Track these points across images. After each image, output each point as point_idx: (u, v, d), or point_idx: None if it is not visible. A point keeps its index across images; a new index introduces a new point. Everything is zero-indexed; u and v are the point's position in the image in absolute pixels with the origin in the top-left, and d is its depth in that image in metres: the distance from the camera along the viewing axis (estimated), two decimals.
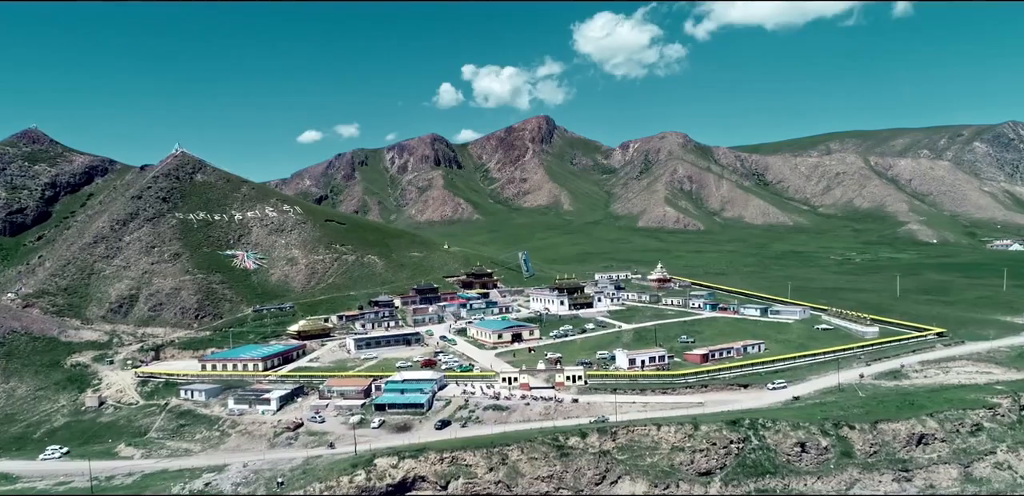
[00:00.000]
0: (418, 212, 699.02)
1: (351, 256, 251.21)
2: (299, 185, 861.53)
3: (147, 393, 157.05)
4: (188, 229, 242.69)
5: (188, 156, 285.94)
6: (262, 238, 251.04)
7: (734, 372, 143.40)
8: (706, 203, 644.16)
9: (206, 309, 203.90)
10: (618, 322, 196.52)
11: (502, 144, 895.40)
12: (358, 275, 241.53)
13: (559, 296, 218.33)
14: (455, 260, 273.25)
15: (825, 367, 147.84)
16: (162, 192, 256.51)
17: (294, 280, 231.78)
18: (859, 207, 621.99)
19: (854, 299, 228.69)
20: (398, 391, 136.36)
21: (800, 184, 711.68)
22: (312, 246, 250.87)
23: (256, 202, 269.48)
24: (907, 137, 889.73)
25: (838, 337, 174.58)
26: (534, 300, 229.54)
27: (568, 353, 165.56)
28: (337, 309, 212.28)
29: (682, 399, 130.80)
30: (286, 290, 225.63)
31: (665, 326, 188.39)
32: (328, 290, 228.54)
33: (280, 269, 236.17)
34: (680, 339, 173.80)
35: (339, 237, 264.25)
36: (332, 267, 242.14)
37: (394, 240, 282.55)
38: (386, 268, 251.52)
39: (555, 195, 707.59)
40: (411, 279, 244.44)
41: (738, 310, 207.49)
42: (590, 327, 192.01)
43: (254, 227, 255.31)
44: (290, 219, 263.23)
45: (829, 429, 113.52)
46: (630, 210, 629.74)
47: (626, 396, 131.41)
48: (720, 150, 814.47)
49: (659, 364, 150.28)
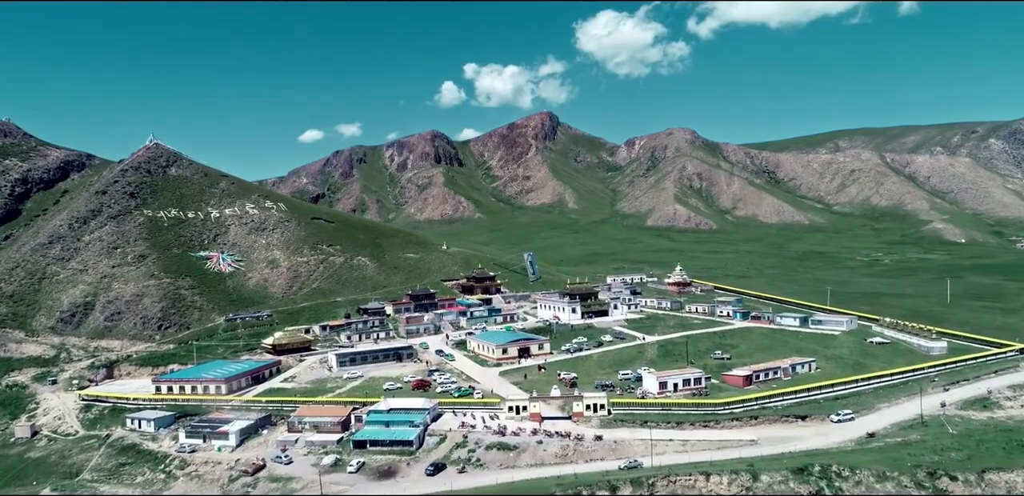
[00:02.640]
0: (417, 211, 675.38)
1: (339, 258, 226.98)
2: (296, 183, 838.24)
3: (90, 421, 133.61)
4: (157, 228, 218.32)
5: (162, 148, 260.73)
6: (240, 238, 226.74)
7: (787, 399, 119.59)
8: (717, 201, 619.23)
9: (171, 318, 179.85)
10: (639, 333, 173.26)
11: (504, 141, 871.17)
12: (346, 279, 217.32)
13: (570, 303, 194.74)
14: (454, 262, 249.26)
15: (894, 392, 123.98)
16: (130, 187, 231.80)
17: (274, 285, 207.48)
18: (877, 205, 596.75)
19: (899, 306, 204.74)
20: (382, 424, 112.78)
21: (813, 182, 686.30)
22: (296, 247, 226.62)
23: (236, 198, 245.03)
24: (919, 134, 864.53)
25: (897, 353, 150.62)
26: (542, 307, 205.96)
27: (584, 372, 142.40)
28: (321, 318, 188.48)
29: (729, 435, 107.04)
30: (264, 296, 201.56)
31: (693, 338, 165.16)
32: (312, 296, 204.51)
33: (259, 272, 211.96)
34: (713, 355, 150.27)
35: (327, 237, 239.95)
36: (317, 270, 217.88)
37: (388, 240, 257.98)
38: (378, 271, 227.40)
39: (559, 193, 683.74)
40: (405, 283, 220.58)
41: (773, 319, 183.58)
42: (607, 339, 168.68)
43: (232, 225, 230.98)
44: (272, 217, 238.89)
45: (923, 479, 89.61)
46: (638, 208, 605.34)
47: (660, 431, 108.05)
48: (729, 147, 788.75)
49: (695, 388, 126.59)
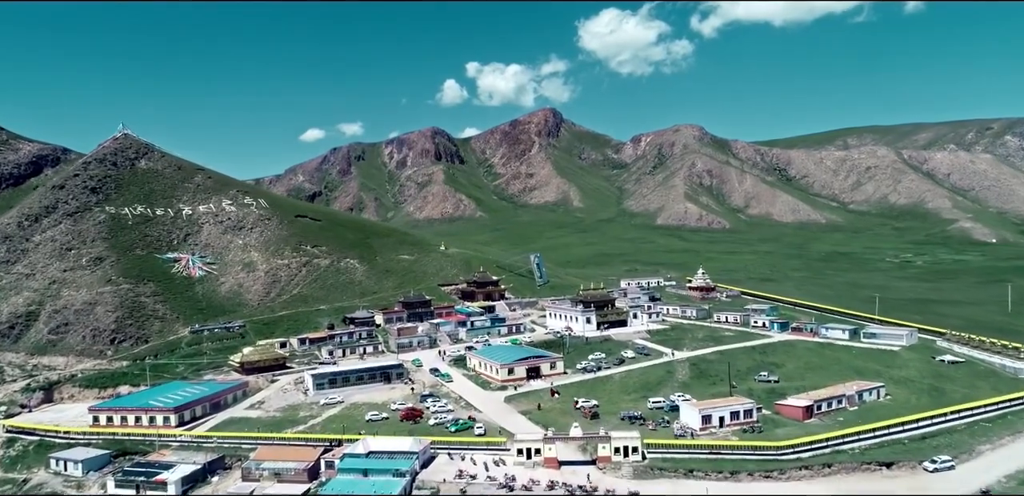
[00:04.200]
0: (416, 209, 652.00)
1: (324, 260, 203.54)
2: (292, 181, 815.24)
3: (10, 459, 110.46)
4: (119, 226, 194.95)
5: (132, 139, 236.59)
6: (214, 238, 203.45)
7: (864, 438, 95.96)
8: (728, 199, 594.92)
9: (127, 330, 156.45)
10: (664, 348, 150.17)
11: (507, 138, 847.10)
12: (332, 284, 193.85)
13: (584, 312, 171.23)
14: (453, 264, 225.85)
15: (994, 429, 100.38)
16: (92, 181, 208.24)
17: (250, 290, 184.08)
18: (895, 203, 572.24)
19: (955, 315, 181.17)
20: (359, 472, 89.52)
21: (827, 179, 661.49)
22: (276, 247, 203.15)
23: (212, 194, 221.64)
24: (930, 131, 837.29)
25: (978, 375, 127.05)
26: (552, 316, 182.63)
27: (606, 397, 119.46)
28: (300, 329, 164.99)
29: (800, 490, 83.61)
30: (238, 304, 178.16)
31: (729, 355, 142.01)
32: (292, 303, 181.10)
33: (233, 276, 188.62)
34: (758, 377, 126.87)
35: (311, 236, 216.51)
36: (299, 274, 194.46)
37: (380, 240, 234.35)
38: (367, 274, 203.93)
39: (564, 191, 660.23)
40: (398, 288, 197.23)
41: (818, 331, 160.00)
42: (629, 355, 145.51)
43: (206, 224, 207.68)
44: (252, 214, 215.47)
45: None
46: (646, 207, 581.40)
47: (711, 483, 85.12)
48: (738, 144, 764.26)
49: (745, 422, 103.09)
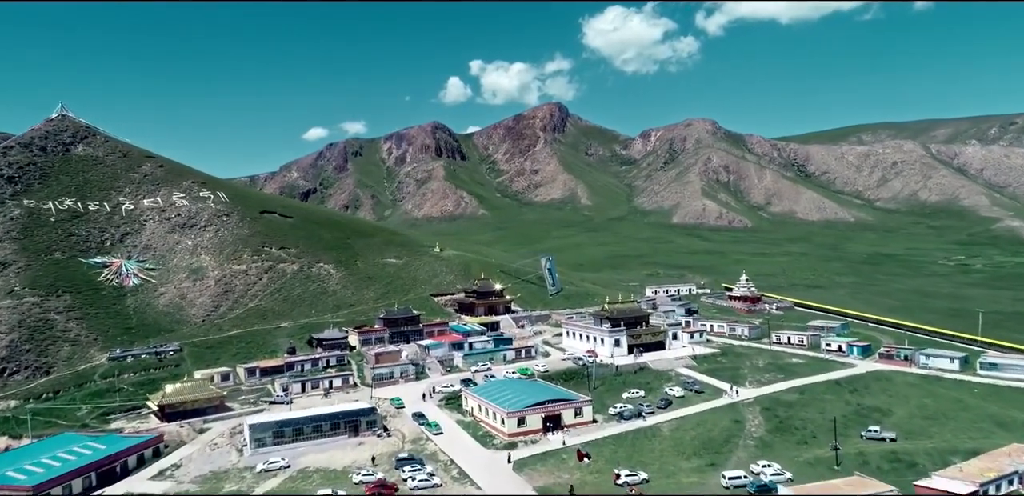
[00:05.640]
0: (415, 207, 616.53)
1: (292, 265, 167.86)
2: (286, 178, 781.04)
3: None
4: (38, 224, 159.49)
5: (70, 120, 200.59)
6: (158, 238, 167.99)
7: None
8: (747, 196, 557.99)
9: (23, 358, 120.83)
10: (719, 381, 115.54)
11: (510, 133, 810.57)
12: (299, 295, 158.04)
13: (612, 332, 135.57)
14: (449, 269, 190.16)
15: None
16: (10, 169, 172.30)
17: (194, 303, 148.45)
18: (926, 201, 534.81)
19: None
20: None
21: (849, 175, 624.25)
22: (234, 250, 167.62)
23: (162, 185, 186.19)
24: (949, 127, 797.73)
25: None
26: (570, 335, 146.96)
27: (656, 464, 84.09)
28: (253, 354, 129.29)
29: None
30: (178, 320, 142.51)
31: (810, 393, 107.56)
32: (246, 319, 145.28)
33: (176, 286, 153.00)
34: (867, 433, 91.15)
35: (279, 236, 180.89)
36: (259, 282, 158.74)
37: (363, 240, 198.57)
38: (345, 282, 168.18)
39: (571, 188, 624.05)
40: (381, 300, 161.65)
41: (915, 359, 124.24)
42: (675, 393, 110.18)
43: (149, 221, 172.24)
44: (207, 210, 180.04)
45: None
46: (660, 204, 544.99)
47: None
48: (754, 138, 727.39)
49: None
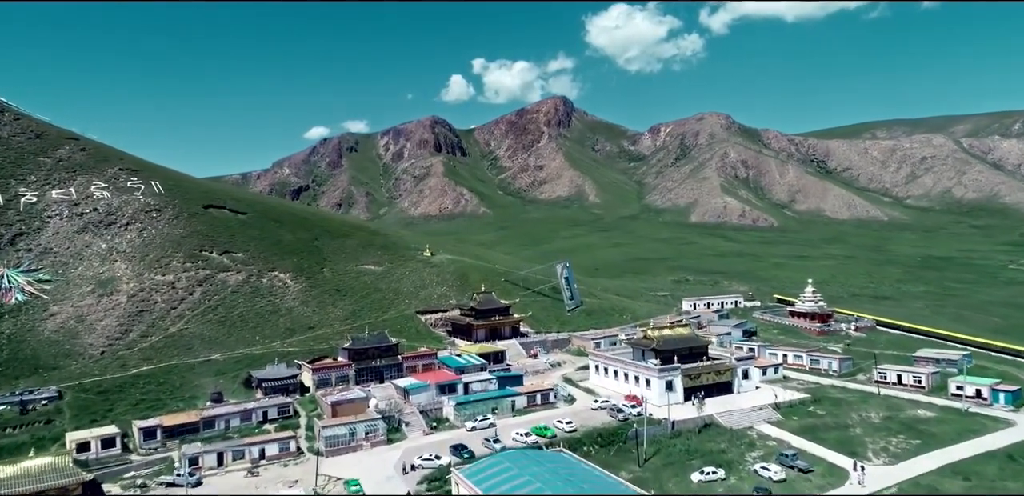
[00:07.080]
0: (412, 205, 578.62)
1: (238, 274, 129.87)
2: (277, 175, 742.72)
3: None
4: None
5: None
6: (63, 239, 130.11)
7: None
8: (769, 193, 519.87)
9: None
10: (826, 450, 78.32)
11: (513, 128, 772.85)
12: (241, 315, 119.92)
13: (661, 371, 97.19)
14: (441, 278, 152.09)
15: None
16: None
17: (94, 328, 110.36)
18: (962, 198, 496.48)
19: None
20: None
21: (874, 171, 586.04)
22: (160, 254, 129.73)
23: (79, 173, 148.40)
24: (968, 123, 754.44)
25: None
26: (599, 371, 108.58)
27: None
28: (163, 402, 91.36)
29: None
30: (66, 354, 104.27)
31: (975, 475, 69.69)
32: (164, 351, 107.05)
33: (74, 304, 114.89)
34: None
35: (224, 237, 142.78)
36: (189, 297, 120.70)
37: (335, 242, 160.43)
38: (304, 298, 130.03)
39: (577, 185, 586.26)
40: (351, 320, 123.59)
41: None
42: (771, 474, 71.85)
43: (55, 217, 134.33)
44: (133, 203, 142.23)
45: None
46: (674, 202, 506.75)
47: None
48: (770, 133, 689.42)
49: None
